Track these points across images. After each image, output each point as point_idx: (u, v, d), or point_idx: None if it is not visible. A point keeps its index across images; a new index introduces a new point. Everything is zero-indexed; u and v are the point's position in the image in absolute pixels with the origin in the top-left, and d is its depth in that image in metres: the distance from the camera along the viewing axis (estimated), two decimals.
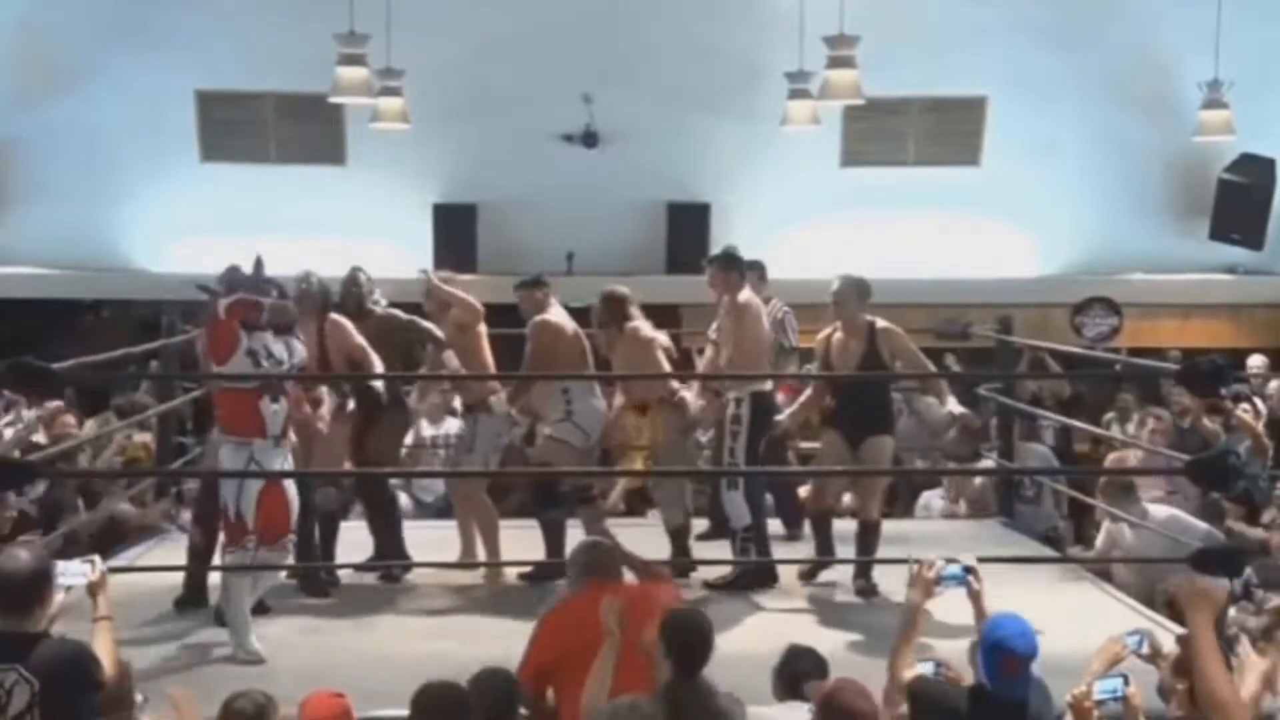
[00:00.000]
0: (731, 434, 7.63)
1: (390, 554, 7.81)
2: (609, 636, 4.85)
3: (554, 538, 7.75)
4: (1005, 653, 4.34)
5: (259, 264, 6.60)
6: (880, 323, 7.68)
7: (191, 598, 7.18)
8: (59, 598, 4.63)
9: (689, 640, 4.76)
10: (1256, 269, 14.60)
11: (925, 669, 4.65)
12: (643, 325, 7.88)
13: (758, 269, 8.66)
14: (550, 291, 7.99)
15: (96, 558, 4.93)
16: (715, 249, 8.38)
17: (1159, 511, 8.10)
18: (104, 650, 4.59)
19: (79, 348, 8.99)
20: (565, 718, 4.99)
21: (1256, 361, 11.87)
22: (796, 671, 4.99)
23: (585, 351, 7.98)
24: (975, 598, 4.84)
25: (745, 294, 7.74)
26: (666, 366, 7.98)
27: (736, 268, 7.75)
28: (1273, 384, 11.35)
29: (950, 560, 4.86)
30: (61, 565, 4.75)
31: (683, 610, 5.07)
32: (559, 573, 6.90)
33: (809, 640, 5.29)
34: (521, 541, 7.84)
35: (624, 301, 7.90)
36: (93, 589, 4.76)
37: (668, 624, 4.80)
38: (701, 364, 8.64)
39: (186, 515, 9.10)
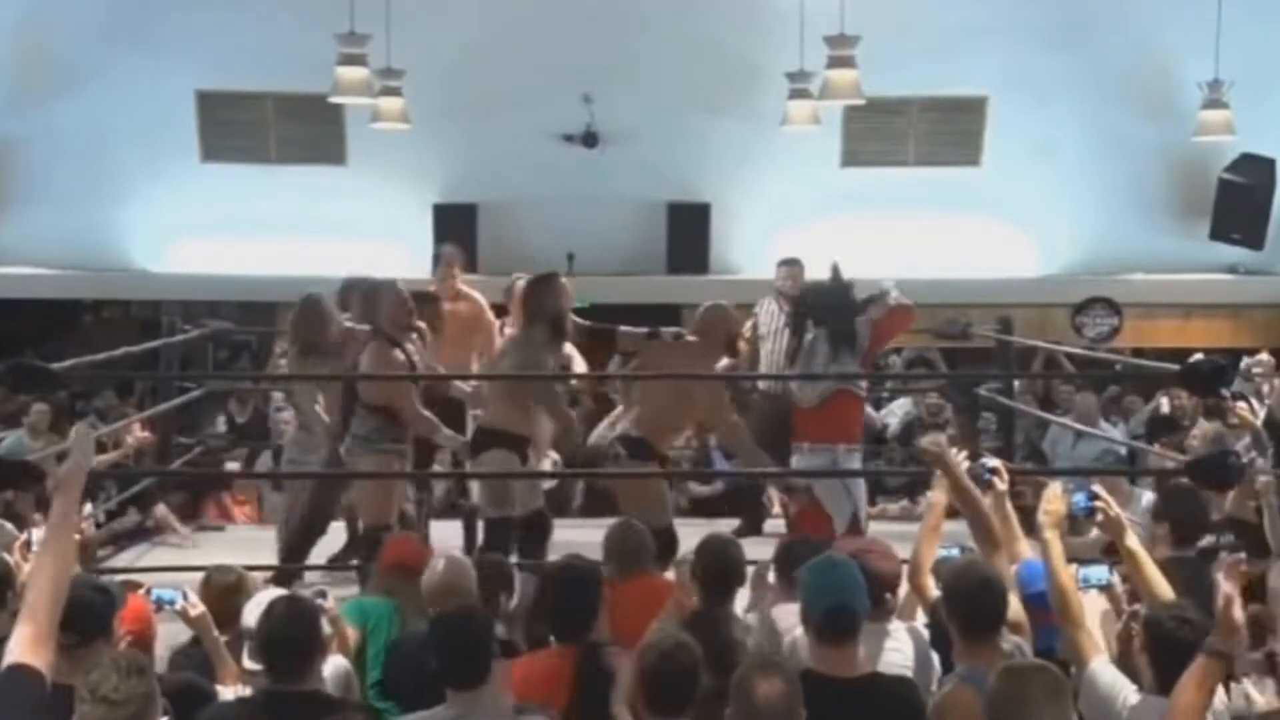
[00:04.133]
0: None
1: None
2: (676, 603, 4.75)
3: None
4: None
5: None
6: None
7: None
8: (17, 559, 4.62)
9: (722, 568, 4.82)
10: (1256, 269, 14.59)
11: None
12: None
13: (797, 265, 9.23)
14: None
15: None
16: (716, 249, 8.61)
17: (1144, 499, 8.30)
18: None
19: (79, 348, 9.00)
20: None
21: (1262, 359, 11.74)
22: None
23: None
24: (1000, 499, 4.83)
25: (460, 288, 8.54)
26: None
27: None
28: (1276, 383, 11.27)
29: (975, 461, 4.98)
30: (37, 534, 4.72)
31: (716, 538, 5.06)
32: None
33: None
34: None
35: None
36: None
37: (701, 552, 4.83)
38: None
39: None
